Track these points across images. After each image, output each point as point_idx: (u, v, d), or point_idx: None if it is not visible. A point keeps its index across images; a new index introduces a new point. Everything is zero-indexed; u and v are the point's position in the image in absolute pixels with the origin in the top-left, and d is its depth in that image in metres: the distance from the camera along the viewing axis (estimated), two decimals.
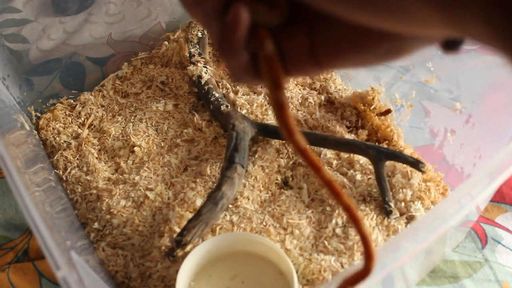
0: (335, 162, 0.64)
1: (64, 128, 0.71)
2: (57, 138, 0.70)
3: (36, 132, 0.72)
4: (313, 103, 0.71)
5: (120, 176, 0.65)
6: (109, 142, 0.69)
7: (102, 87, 0.77)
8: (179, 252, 0.54)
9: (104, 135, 0.70)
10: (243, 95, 0.71)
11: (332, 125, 0.68)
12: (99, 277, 0.49)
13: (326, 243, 0.56)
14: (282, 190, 0.62)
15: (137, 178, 0.64)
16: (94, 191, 0.63)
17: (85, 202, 0.63)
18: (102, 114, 0.73)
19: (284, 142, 0.65)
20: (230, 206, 0.59)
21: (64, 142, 0.69)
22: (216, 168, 0.63)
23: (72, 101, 0.75)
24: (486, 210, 0.64)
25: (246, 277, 0.54)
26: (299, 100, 0.71)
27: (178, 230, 0.56)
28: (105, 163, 0.67)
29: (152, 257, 0.56)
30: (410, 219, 0.58)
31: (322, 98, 0.72)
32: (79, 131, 0.71)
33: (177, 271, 0.52)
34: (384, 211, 0.58)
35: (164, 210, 0.60)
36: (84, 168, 0.66)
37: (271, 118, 0.68)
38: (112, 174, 0.66)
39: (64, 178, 0.66)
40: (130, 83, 0.76)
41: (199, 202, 0.59)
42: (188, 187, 0.62)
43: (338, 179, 0.61)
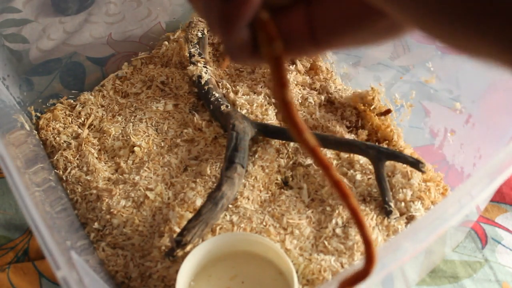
0: (335, 162, 0.64)
1: (64, 128, 0.71)
2: (57, 138, 0.70)
3: (36, 132, 0.72)
4: (313, 103, 0.71)
5: (120, 176, 0.65)
6: (109, 142, 0.69)
7: (102, 87, 0.77)
8: (179, 252, 0.54)
9: (104, 135, 0.70)
10: (243, 95, 0.71)
11: (332, 125, 0.68)
12: (99, 277, 0.49)
13: (326, 243, 0.56)
14: (282, 190, 0.62)
15: (137, 178, 0.64)
16: (94, 191, 0.63)
17: (85, 202, 0.63)
18: (102, 114, 0.73)
19: (284, 142, 0.65)
20: (230, 206, 0.59)
21: (64, 142, 0.69)
22: (216, 168, 0.63)
23: (72, 101, 0.75)
24: (486, 210, 0.64)
25: (246, 277, 0.54)
26: (299, 100, 0.71)
27: (178, 230, 0.56)
28: (105, 163, 0.67)
29: (152, 257, 0.56)
30: (410, 219, 0.58)
31: (322, 98, 0.72)
32: (79, 131, 0.71)
33: (177, 271, 0.52)
34: (384, 211, 0.58)
35: (164, 210, 0.60)
36: (84, 168, 0.66)
37: (271, 118, 0.67)
38: (112, 174, 0.66)
39: (64, 178, 0.66)
40: (130, 83, 0.76)
41: (199, 202, 0.59)
42: (188, 187, 0.62)
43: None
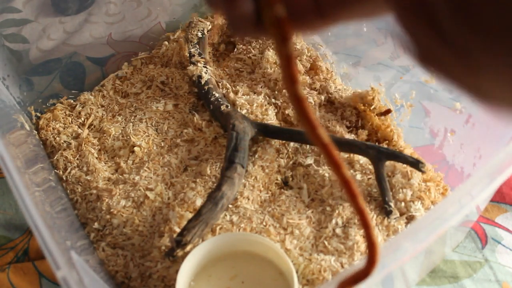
0: None
1: (64, 128, 0.71)
2: (57, 138, 0.70)
3: (36, 132, 0.72)
4: (313, 103, 0.71)
5: (120, 176, 0.65)
6: (109, 142, 0.69)
7: (102, 87, 0.77)
8: (179, 252, 0.54)
9: (104, 135, 0.70)
10: (243, 95, 0.71)
11: (332, 125, 0.68)
12: (99, 277, 0.49)
13: (326, 243, 0.56)
14: (282, 190, 0.62)
15: (137, 178, 0.64)
16: (94, 191, 0.63)
17: (85, 202, 0.63)
18: (102, 114, 0.73)
19: (284, 142, 0.65)
20: (230, 206, 0.59)
21: (64, 142, 0.69)
22: (216, 168, 0.63)
23: (72, 101, 0.75)
24: (486, 210, 0.64)
25: (246, 277, 0.54)
26: None
27: (178, 230, 0.56)
28: (105, 163, 0.67)
29: (152, 257, 0.56)
30: (410, 219, 0.58)
31: (322, 98, 0.72)
32: (79, 131, 0.71)
33: (177, 271, 0.52)
34: (384, 211, 0.58)
35: (164, 210, 0.60)
36: (84, 168, 0.66)
37: (271, 118, 0.67)
38: (112, 174, 0.66)
39: (64, 178, 0.66)
40: (130, 83, 0.76)
41: (199, 202, 0.59)
42: (188, 187, 0.62)
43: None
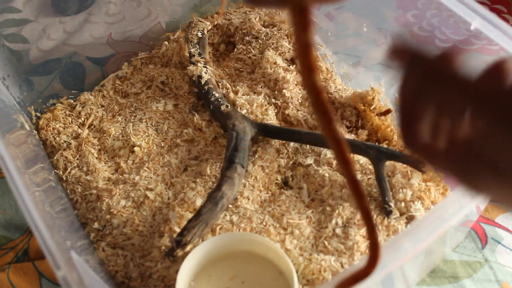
0: (335, 162, 0.64)
1: (64, 128, 0.71)
2: (57, 138, 0.70)
3: (36, 132, 0.72)
4: None
5: (120, 176, 0.65)
6: (109, 142, 0.69)
7: (102, 87, 0.77)
8: (179, 252, 0.54)
9: (104, 135, 0.70)
10: (243, 95, 0.71)
11: None
12: (99, 277, 0.49)
13: (326, 243, 0.56)
14: (282, 190, 0.62)
15: (137, 178, 0.64)
16: (94, 191, 0.63)
17: (85, 202, 0.63)
18: (102, 114, 0.73)
19: (284, 142, 0.65)
20: (230, 206, 0.59)
21: (64, 142, 0.69)
22: (216, 168, 0.63)
23: (72, 101, 0.75)
24: (486, 210, 0.64)
25: (246, 277, 0.54)
26: (299, 100, 0.71)
27: (178, 230, 0.56)
28: (105, 163, 0.67)
29: (152, 257, 0.56)
30: (410, 219, 0.58)
31: None
32: (79, 131, 0.71)
33: (177, 271, 0.52)
34: (384, 211, 0.58)
35: (164, 210, 0.60)
36: (84, 168, 0.66)
37: (271, 118, 0.67)
38: (112, 174, 0.66)
39: (64, 178, 0.66)
40: (130, 83, 0.76)
41: (199, 202, 0.59)
42: (188, 187, 0.62)
43: (338, 179, 0.61)
